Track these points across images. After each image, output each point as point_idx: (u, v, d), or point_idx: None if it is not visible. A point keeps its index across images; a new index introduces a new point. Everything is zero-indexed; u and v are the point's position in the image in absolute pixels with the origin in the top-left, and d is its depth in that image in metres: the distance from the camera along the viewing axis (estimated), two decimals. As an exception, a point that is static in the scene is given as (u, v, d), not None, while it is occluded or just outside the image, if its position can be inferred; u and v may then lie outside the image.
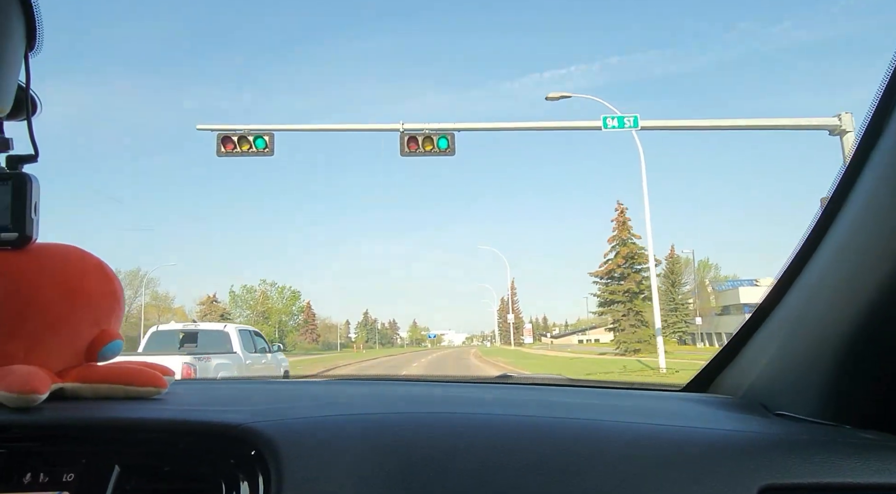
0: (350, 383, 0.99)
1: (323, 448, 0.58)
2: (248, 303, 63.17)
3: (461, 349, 78.92)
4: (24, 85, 0.64)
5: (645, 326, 34.42)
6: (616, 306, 36.65)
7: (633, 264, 36.53)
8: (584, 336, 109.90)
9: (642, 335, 33.64)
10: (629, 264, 36.43)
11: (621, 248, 36.85)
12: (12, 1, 0.57)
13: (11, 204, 0.64)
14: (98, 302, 0.69)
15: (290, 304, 67.63)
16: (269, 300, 64.03)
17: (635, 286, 35.88)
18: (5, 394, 0.58)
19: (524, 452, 0.59)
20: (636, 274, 36.48)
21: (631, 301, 35.25)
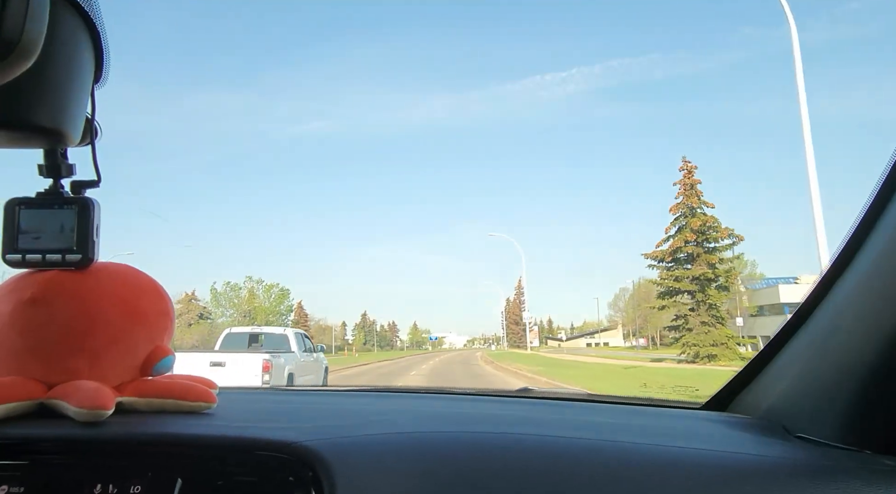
0: (388, 396, 1.07)
1: (374, 466, 0.61)
2: (233, 302, 59.05)
3: (465, 352, 76.46)
4: (90, 115, 0.68)
5: (722, 323, 23.09)
6: (681, 298, 25.06)
7: (704, 241, 25.07)
8: (592, 340, 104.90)
9: (718, 337, 22.44)
10: (700, 242, 24.94)
11: (689, 220, 25.35)
12: (84, 38, 0.61)
13: (76, 227, 0.68)
14: (153, 320, 0.75)
15: (277, 303, 63.64)
16: (255, 299, 60.49)
17: (708, 271, 24.31)
18: (76, 410, 0.62)
19: (562, 474, 0.62)
20: (709, 255, 24.97)
21: (703, 290, 23.70)
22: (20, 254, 0.68)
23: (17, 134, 0.60)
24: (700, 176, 26.49)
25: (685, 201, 26.20)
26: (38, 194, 0.69)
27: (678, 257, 26.17)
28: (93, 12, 0.59)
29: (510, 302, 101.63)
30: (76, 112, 0.63)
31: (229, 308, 55.55)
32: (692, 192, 26.16)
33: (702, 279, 25.05)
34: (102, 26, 0.62)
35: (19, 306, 0.68)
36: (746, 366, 0.85)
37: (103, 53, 0.64)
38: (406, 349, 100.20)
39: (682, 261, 26.14)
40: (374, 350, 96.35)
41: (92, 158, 0.71)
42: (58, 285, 0.69)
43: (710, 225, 25.16)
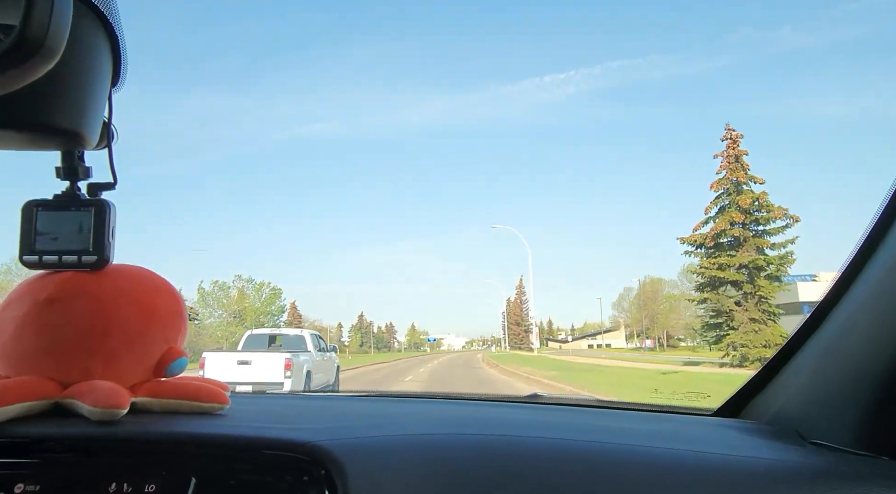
0: (398, 401, 1.09)
1: (386, 467, 0.62)
2: (221, 301, 56.42)
3: (465, 354, 74.49)
4: (107, 119, 0.70)
5: (774, 320, 18.18)
6: (724, 290, 20.15)
7: (754, 223, 20.20)
8: (594, 341, 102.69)
9: (770, 336, 17.57)
10: (748, 224, 20.06)
11: (735, 198, 20.45)
12: (103, 41, 0.61)
13: (92, 229, 0.69)
14: (167, 321, 0.76)
15: (268, 303, 61.20)
16: (245, 299, 58.38)
17: (759, 257, 19.42)
18: (91, 409, 0.63)
19: (574, 476, 0.62)
20: (759, 239, 20.05)
21: (751, 281, 18.81)
22: (37, 255, 0.69)
23: (37, 136, 0.61)
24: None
25: (729, 175, 21.67)
26: (55, 196, 0.71)
27: (721, 241, 21.60)
28: (112, 17, 0.60)
29: (511, 303, 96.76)
30: (94, 115, 0.64)
31: (217, 308, 53.68)
32: (737, 165, 21.64)
33: (750, 267, 20.51)
34: (121, 31, 0.63)
35: (36, 306, 0.69)
36: (759, 372, 0.86)
37: (121, 58, 0.65)
38: (404, 351, 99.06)
39: (725, 247, 21.59)
40: (371, 352, 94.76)
41: (109, 160, 0.72)
42: (74, 285, 0.70)
43: (762, 203, 20.64)
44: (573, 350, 69.84)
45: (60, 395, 0.66)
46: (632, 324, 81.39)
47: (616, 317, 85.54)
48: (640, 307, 73.63)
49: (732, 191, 22.13)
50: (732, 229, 21.44)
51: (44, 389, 0.66)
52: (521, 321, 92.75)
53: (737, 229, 21.30)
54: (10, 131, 0.59)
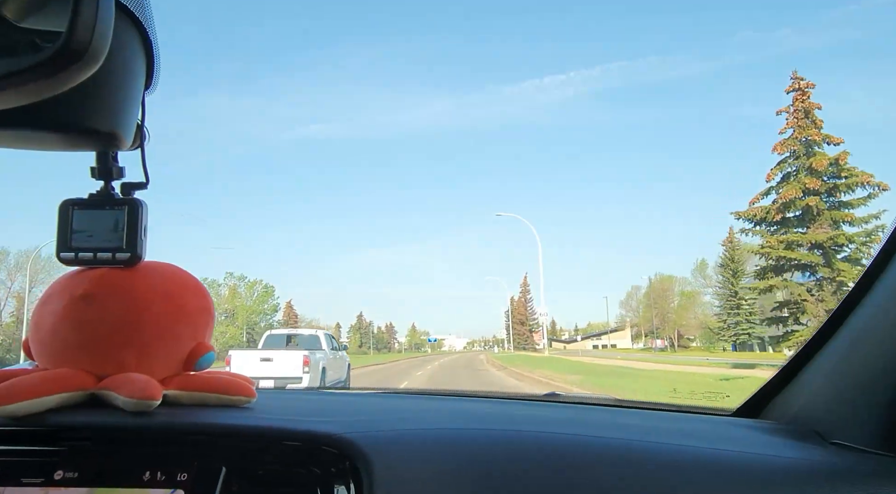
0: (419, 397, 1.12)
1: (411, 459, 0.63)
2: None
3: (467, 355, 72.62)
4: (141, 121, 0.73)
5: None
6: (791, 276, 14.76)
7: (830, 192, 14.79)
8: (599, 341, 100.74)
9: None
10: (822, 193, 14.67)
11: (807, 160, 15.07)
12: (137, 44, 0.64)
13: (126, 227, 0.72)
14: (196, 317, 0.79)
15: (261, 301, 59.23)
16: (238, 297, 56.41)
17: (838, 234, 13.89)
18: (127, 400, 0.66)
19: (594, 472, 0.63)
20: (836, 211, 14.64)
21: (828, 263, 13.38)
22: (73, 252, 0.72)
23: (75, 137, 0.63)
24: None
25: (797, 134, 16.99)
26: (90, 195, 0.74)
27: (788, 216, 16.89)
28: (146, 21, 0.62)
29: (514, 302, 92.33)
30: (129, 117, 0.66)
31: None
32: (808, 121, 16.94)
33: (826, 247, 15.79)
34: (155, 35, 0.65)
35: (72, 301, 0.72)
36: (779, 372, 0.86)
37: (154, 61, 0.67)
38: (404, 352, 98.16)
39: (793, 222, 16.89)
40: (371, 353, 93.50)
41: (141, 161, 0.75)
42: (108, 282, 0.73)
43: (841, 166, 15.97)
44: (582, 351, 65.97)
45: (96, 387, 0.70)
46: (640, 323, 77.51)
47: (623, 316, 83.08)
48: (649, 306, 69.12)
49: (801, 153, 17.41)
50: (804, 199, 16.71)
51: (80, 381, 0.70)
52: (526, 321, 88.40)
53: (810, 198, 16.59)
54: (49, 133, 0.61)
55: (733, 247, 44.95)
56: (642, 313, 75.83)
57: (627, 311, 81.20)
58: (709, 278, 57.54)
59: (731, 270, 46.86)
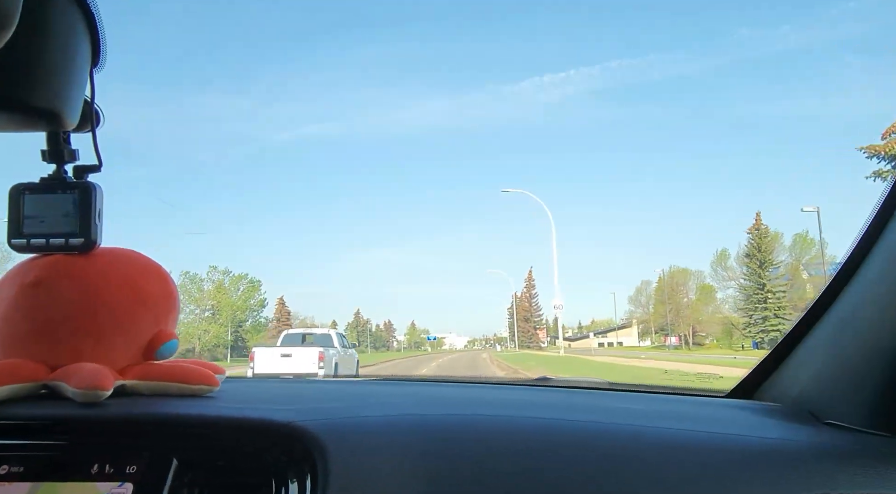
0: (393, 383, 1.09)
1: (369, 446, 0.61)
2: (193, 295, 50.86)
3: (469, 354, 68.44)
4: (89, 99, 0.71)
5: None
6: None
7: None
8: (605, 339, 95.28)
9: None
10: None
11: None
12: (79, 20, 0.62)
13: (78, 211, 0.70)
14: (157, 303, 0.76)
15: (246, 297, 55.68)
16: (223, 293, 52.36)
17: None
18: (75, 390, 0.64)
19: (567, 456, 0.61)
20: None
21: None
22: (25, 239, 0.70)
23: (15, 116, 0.61)
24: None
25: None
26: (41, 179, 0.71)
27: None
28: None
29: (518, 298, 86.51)
30: (74, 95, 0.64)
31: (188, 303, 48.83)
32: None
33: None
34: (97, 9, 0.62)
35: (23, 288, 0.70)
36: (771, 352, 0.85)
37: (99, 36, 0.65)
38: (403, 351, 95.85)
39: None
40: (368, 351, 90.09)
41: (93, 142, 0.73)
42: (61, 268, 0.70)
43: None
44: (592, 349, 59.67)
45: (48, 377, 0.68)
46: (651, 320, 71.52)
47: (632, 312, 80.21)
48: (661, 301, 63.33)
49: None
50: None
51: (31, 372, 0.67)
52: (531, 317, 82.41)
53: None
54: None
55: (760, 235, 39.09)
56: (654, 308, 71.70)
57: (636, 307, 76.48)
58: (731, 269, 51.61)
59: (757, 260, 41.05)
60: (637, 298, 78.44)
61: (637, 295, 78.61)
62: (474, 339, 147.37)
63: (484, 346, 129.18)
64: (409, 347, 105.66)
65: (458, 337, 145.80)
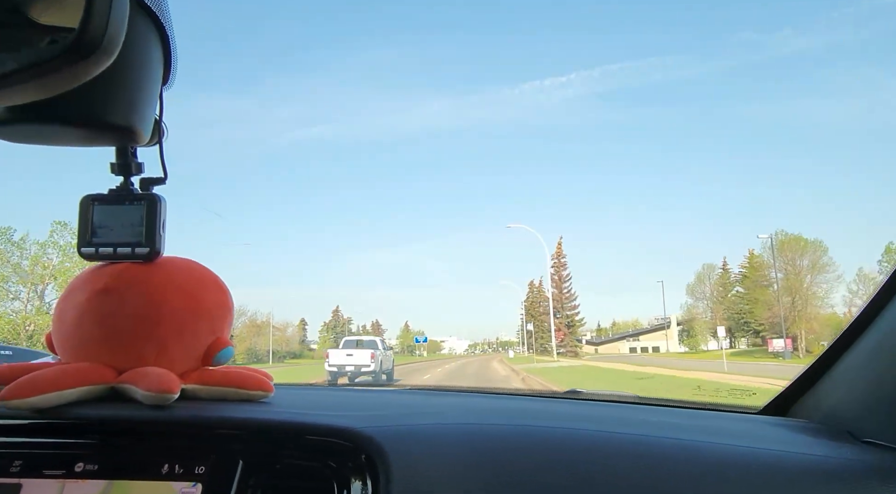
0: (436, 394, 1.14)
1: (427, 454, 0.65)
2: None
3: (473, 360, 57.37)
4: (158, 116, 0.77)
5: None
6: None
7: None
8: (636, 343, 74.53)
9: None
10: None
11: None
12: (155, 41, 0.67)
13: (145, 222, 0.75)
14: (214, 312, 0.83)
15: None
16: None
17: None
18: (145, 393, 0.71)
19: (616, 467, 0.64)
20: None
21: None
22: (94, 247, 0.75)
23: (93, 132, 0.66)
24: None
25: None
26: (110, 190, 0.78)
27: None
28: (163, 15, 0.65)
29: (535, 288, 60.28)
30: (147, 112, 0.70)
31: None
32: None
33: None
34: (171, 30, 0.68)
35: (93, 295, 0.76)
36: (807, 369, 0.88)
37: (171, 57, 0.70)
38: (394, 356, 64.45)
39: None
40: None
41: (160, 156, 0.79)
42: (128, 276, 0.77)
43: None
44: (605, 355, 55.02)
45: (116, 380, 0.74)
46: (717, 316, 55.22)
47: (692, 306, 62.97)
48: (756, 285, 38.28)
49: None
50: None
51: (100, 374, 0.73)
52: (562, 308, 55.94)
53: None
54: (68, 127, 0.64)
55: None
56: (728, 298, 55.05)
57: (697, 299, 52.23)
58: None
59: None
60: (698, 287, 54.89)
61: (699, 283, 54.12)
62: (476, 343, 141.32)
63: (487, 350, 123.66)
64: (401, 352, 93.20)
65: (458, 341, 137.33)
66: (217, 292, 0.83)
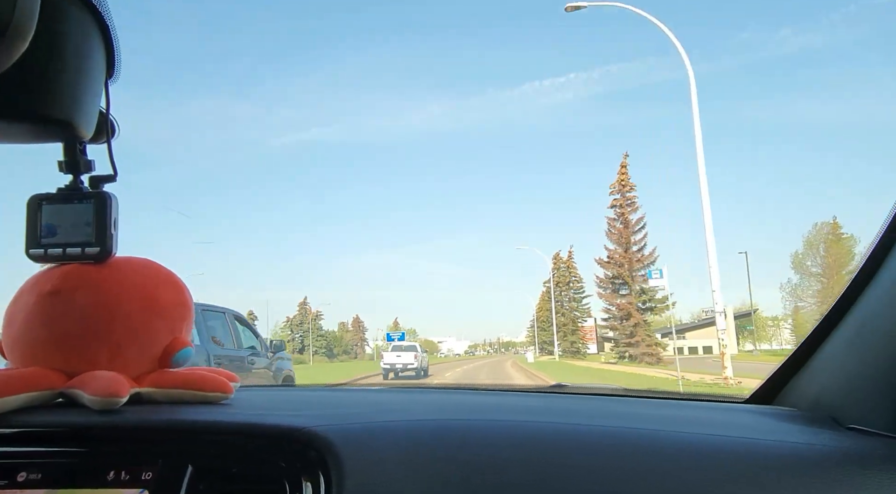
0: (412, 391, 1.15)
1: (383, 452, 0.65)
2: None
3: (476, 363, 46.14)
4: (105, 111, 0.79)
5: None
6: None
7: None
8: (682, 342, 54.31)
9: None
10: None
11: None
12: (94, 31, 0.66)
13: (94, 221, 0.76)
14: (171, 312, 0.84)
15: None
16: None
17: None
18: (91, 397, 0.72)
19: (582, 462, 0.64)
20: None
21: None
22: (42, 248, 0.76)
23: (32, 127, 0.66)
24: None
25: None
26: (58, 189, 0.80)
27: None
28: (101, 6, 0.65)
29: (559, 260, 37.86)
30: (89, 106, 0.70)
31: None
32: None
33: None
34: (111, 21, 0.68)
35: (41, 297, 0.77)
36: (790, 357, 0.91)
37: (114, 48, 0.71)
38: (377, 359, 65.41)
39: None
40: (310, 362, 58.09)
41: (108, 153, 0.81)
42: (78, 277, 0.79)
43: None
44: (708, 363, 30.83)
45: (64, 385, 0.76)
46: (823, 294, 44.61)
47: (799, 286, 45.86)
48: None
49: None
50: None
51: (48, 379, 0.74)
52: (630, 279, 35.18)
53: None
54: (3, 122, 0.63)
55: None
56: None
57: (804, 278, 32.68)
58: None
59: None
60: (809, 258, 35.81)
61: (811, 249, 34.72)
62: (476, 344, 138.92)
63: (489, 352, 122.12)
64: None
65: (457, 342, 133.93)
66: (174, 291, 0.83)
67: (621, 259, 34.63)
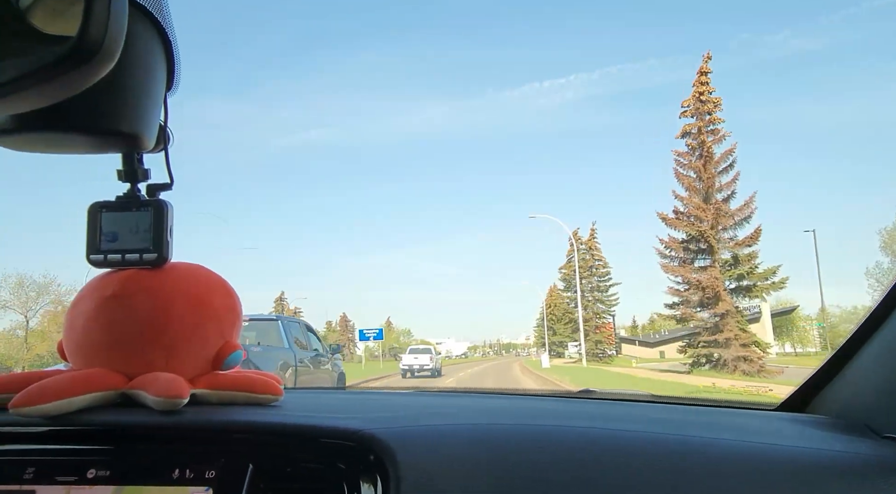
0: (449, 395, 1.18)
1: (436, 454, 0.67)
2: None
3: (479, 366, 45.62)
4: (163, 122, 0.84)
5: None
6: None
7: None
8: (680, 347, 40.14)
9: None
10: None
11: None
12: (158, 46, 0.70)
13: (152, 228, 0.81)
14: (223, 316, 0.89)
15: None
16: None
17: None
18: (155, 398, 0.76)
19: (629, 466, 0.64)
20: None
21: None
22: (102, 254, 0.80)
23: (98, 139, 0.69)
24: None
25: None
26: (117, 197, 0.85)
27: None
28: (165, 21, 0.69)
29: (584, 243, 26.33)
30: (151, 118, 0.74)
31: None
32: None
33: None
34: (174, 35, 0.73)
35: (102, 302, 0.82)
36: (823, 365, 0.92)
37: (174, 62, 0.75)
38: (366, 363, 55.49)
39: None
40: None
41: (165, 162, 0.86)
42: (136, 282, 0.83)
43: None
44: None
45: (126, 386, 0.80)
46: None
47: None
48: None
49: None
50: None
51: (110, 380, 0.78)
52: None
53: None
54: (73, 135, 0.67)
55: None
56: None
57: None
58: None
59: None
60: None
61: None
62: (475, 345, 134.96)
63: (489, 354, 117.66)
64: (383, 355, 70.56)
65: (455, 343, 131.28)
66: (225, 297, 0.87)
67: (700, 212, 22.59)
